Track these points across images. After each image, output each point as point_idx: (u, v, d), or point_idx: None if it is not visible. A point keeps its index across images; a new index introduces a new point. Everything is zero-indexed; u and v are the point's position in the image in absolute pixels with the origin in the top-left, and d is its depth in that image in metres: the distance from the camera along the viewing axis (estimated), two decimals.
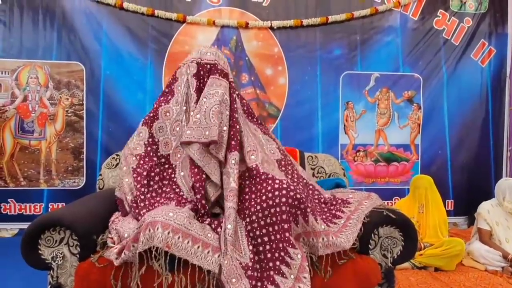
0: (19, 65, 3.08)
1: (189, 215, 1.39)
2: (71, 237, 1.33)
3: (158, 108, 1.75)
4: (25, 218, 3.07)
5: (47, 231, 1.32)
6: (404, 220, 1.49)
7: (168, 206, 1.43)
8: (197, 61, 1.71)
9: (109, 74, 3.17)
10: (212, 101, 1.59)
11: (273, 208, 1.36)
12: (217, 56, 1.74)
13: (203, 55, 1.73)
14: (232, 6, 3.29)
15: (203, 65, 1.71)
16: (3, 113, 3.06)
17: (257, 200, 1.41)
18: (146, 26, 3.20)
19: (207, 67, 1.70)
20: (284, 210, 1.35)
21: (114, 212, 1.61)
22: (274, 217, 1.35)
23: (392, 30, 3.47)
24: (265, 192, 1.41)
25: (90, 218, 1.43)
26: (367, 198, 1.72)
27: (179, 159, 1.67)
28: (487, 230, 2.57)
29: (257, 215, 1.38)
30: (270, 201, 1.38)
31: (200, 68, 1.70)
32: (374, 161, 3.48)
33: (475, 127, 3.59)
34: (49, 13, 3.11)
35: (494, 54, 3.61)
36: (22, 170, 3.10)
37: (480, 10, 3.59)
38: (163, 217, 1.29)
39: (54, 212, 1.42)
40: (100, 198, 1.71)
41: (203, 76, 1.70)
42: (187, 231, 1.29)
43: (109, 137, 3.18)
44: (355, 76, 3.43)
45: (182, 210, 1.40)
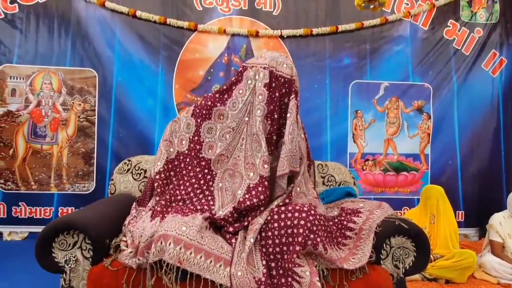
0: (33, 71, 3.15)
1: (201, 227, 1.36)
2: (84, 241, 1.35)
3: (212, 107, 1.62)
4: (35, 221, 3.11)
5: (61, 235, 1.34)
6: (416, 230, 1.48)
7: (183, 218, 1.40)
8: (271, 70, 1.53)
9: (121, 81, 3.22)
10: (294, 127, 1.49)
11: (291, 229, 1.34)
12: (293, 71, 1.57)
13: (279, 65, 1.54)
14: (242, 15, 3.34)
15: (277, 77, 1.53)
16: (17, 118, 3.12)
17: (274, 217, 1.39)
18: (158, 34, 3.26)
19: (281, 80, 1.53)
20: (301, 233, 1.32)
21: (126, 216, 1.62)
22: (291, 238, 1.33)
23: (402, 40, 3.48)
24: (285, 211, 1.40)
25: (103, 222, 1.45)
26: (378, 208, 1.69)
27: (221, 168, 1.59)
28: (499, 243, 2.53)
29: (273, 232, 1.37)
30: (288, 221, 1.35)
31: (273, 79, 1.53)
32: (383, 170, 3.46)
33: (486, 137, 3.55)
34: (64, 21, 3.18)
35: (506, 65, 3.59)
36: (34, 174, 3.14)
37: (491, 20, 3.58)
38: (176, 231, 1.28)
39: (68, 216, 1.44)
40: (112, 203, 1.73)
41: (274, 89, 1.52)
42: (200, 246, 1.28)
43: (119, 142, 3.22)
44: (365, 85, 3.44)
45: (196, 222, 1.37)
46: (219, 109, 1.62)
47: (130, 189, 1.94)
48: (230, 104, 1.59)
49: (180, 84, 3.29)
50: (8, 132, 3.11)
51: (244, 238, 1.40)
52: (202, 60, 3.30)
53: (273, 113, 1.54)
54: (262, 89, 1.52)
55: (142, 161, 2.01)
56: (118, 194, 1.91)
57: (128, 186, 1.95)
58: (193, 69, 3.28)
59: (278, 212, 1.41)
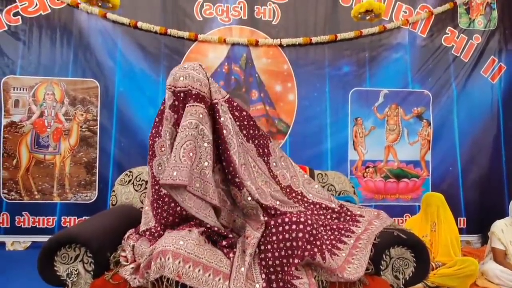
0: (36, 82, 3.18)
1: (199, 241, 1.37)
2: (86, 254, 1.36)
3: (153, 144, 1.62)
4: (38, 231, 3.13)
5: (63, 248, 1.35)
6: (415, 240, 1.49)
7: (179, 232, 1.41)
8: (172, 90, 1.50)
9: (123, 91, 3.25)
10: (183, 135, 1.41)
11: (289, 242, 1.34)
12: (191, 78, 1.48)
13: (176, 81, 1.49)
14: (242, 24, 3.37)
15: (177, 94, 1.48)
16: (20, 128, 3.16)
17: (272, 230, 1.39)
18: (159, 44, 3.30)
19: (181, 96, 1.48)
20: (300, 246, 1.32)
21: (127, 228, 1.63)
22: (290, 250, 1.33)
23: (400, 47, 3.50)
24: (282, 223, 1.39)
25: (104, 235, 1.46)
26: (376, 218, 1.69)
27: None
28: (501, 250, 2.52)
29: (272, 246, 1.37)
30: (287, 234, 1.35)
31: (175, 98, 1.49)
32: (383, 177, 3.46)
33: (486, 144, 3.55)
34: (67, 32, 3.23)
35: (505, 71, 3.60)
36: (37, 184, 3.17)
37: (489, 27, 3.60)
38: (174, 245, 1.28)
39: (70, 229, 1.46)
40: (113, 215, 1.75)
41: (178, 108, 1.50)
42: (197, 259, 1.28)
43: (121, 151, 3.24)
44: (364, 92, 3.46)
45: (192, 236, 1.37)
46: (158, 142, 1.59)
47: (132, 200, 1.96)
48: (163, 133, 1.56)
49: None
50: (12, 142, 3.14)
51: (243, 252, 1.41)
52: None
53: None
54: (168, 111, 1.51)
55: (143, 172, 2.03)
56: (119, 205, 1.93)
57: (130, 197, 1.97)
58: None
59: (276, 225, 1.42)
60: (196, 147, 1.43)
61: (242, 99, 3.35)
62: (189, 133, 1.42)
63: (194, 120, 1.44)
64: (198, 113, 1.46)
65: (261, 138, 1.80)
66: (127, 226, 1.65)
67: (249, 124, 1.72)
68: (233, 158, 1.51)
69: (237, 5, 3.37)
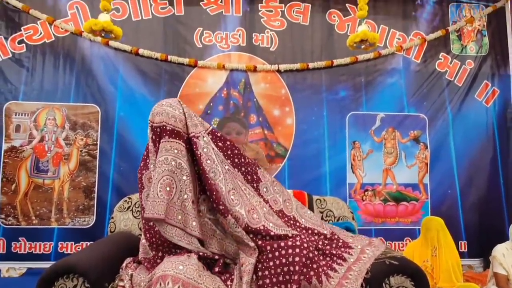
0: (38, 107, 3.23)
1: (198, 266, 1.38)
2: (83, 285, 1.35)
3: (141, 177, 1.70)
4: (34, 257, 3.09)
5: (60, 279, 1.35)
6: (414, 268, 1.49)
7: (178, 257, 1.42)
8: (150, 125, 1.59)
9: (123, 116, 3.30)
10: (160, 170, 1.47)
11: (287, 266, 1.35)
12: (166, 115, 1.56)
13: (154, 116, 1.59)
14: (241, 51, 3.46)
15: (154, 129, 1.58)
16: (21, 153, 3.18)
17: (269, 256, 1.40)
18: (160, 70, 3.37)
19: (157, 131, 1.57)
20: (297, 270, 1.33)
21: (126, 256, 1.63)
22: (288, 275, 1.34)
23: (395, 72, 3.58)
24: (278, 248, 1.40)
25: (102, 264, 1.46)
26: (369, 245, 1.69)
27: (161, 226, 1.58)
28: (503, 275, 2.48)
29: (269, 271, 1.38)
30: (283, 258, 1.37)
31: (152, 133, 1.59)
32: (383, 200, 3.46)
33: (483, 166, 3.57)
34: (69, 59, 3.30)
35: (498, 95, 3.67)
36: (35, 209, 3.15)
37: (481, 52, 3.71)
38: (173, 270, 1.29)
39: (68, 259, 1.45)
40: (112, 243, 1.74)
41: (155, 142, 1.58)
42: (197, 285, 1.29)
43: (120, 176, 3.24)
44: (361, 116, 3.51)
45: (192, 262, 1.39)
46: (146, 174, 1.67)
47: (130, 227, 1.97)
48: (150, 166, 1.64)
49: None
50: (11, 167, 3.15)
51: (240, 279, 1.41)
52: (202, 95, 3.39)
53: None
54: (151, 145, 1.60)
55: None
56: (117, 232, 1.93)
57: (128, 224, 1.97)
58: (193, 103, 3.37)
59: (272, 250, 1.42)
60: (175, 181, 1.48)
61: (241, 124, 3.40)
62: (165, 168, 1.48)
63: (170, 156, 1.51)
64: (173, 149, 1.53)
65: (248, 166, 1.84)
66: (125, 254, 1.65)
67: (233, 153, 1.77)
68: (216, 186, 1.55)
69: (235, 32, 3.47)
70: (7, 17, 3.27)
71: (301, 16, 3.55)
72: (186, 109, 1.69)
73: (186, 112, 1.67)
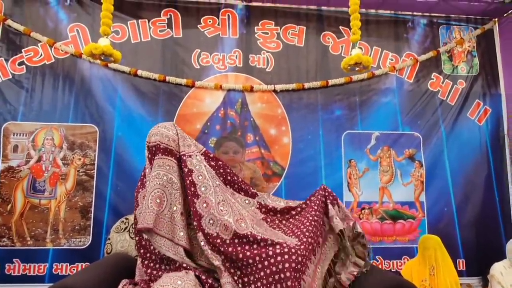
0: (36, 127, 3.26)
1: (196, 283, 1.41)
2: None
3: (137, 195, 1.84)
4: (28, 279, 3.05)
5: None
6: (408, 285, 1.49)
7: (176, 273, 1.46)
8: (147, 145, 1.79)
9: (121, 135, 3.33)
10: (152, 184, 1.63)
11: (277, 274, 1.38)
12: (160, 135, 1.76)
13: (150, 137, 1.80)
14: (238, 72, 3.54)
15: (150, 148, 1.77)
16: (17, 173, 3.18)
17: (258, 266, 1.43)
18: (158, 90, 3.42)
19: (152, 150, 1.76)
20: (289, 277, 1.36)
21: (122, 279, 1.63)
22: (279, 284, 1.36)
23: (389, 92, 3.66)
24: (266, 257, 1.43)
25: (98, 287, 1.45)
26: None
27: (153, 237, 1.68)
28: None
29: (261, 282, 1.40)
30: (273, 267, 1.40)
31: (148, 152, 1.78)
32: (379, 218, 3.47)
33: (479, 183, 3.60)
34: (69, 80, 3.34)
35: (490, 113, 3.75)
36: (30, 229, 3.13)
37: (472, 72, 3.81)
38: (172, 285, 1.32)
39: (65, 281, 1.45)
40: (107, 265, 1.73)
41: (151, 160, 1.76)
42: None
43: (117, 196, 3.24)
44: (356, 135, 3.56)
45: (189, 277, 1.43)
46: (141, 193, 1.81)
47: (127, 248, 1.96)
48: (146, 184, 1.77)
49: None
50: (7, 187, 3.15)
51: None
52: (199, 114, 3.44)
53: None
54: (148, 164, 1.75)
55: None
56: (114, 254, 1.92)
57: (125, 245, 1.97)
58: (190, 123, 3.41)
59: (261, 260, 1.45)
60: (165, 194, 1.62)
61: (238, 143, 3.44)
62: (157, 182, 1.62)
63: (162, 171, 1.66)
64: (165, 165, 1.69)
65: (242, 183, 2.00)
66: (122, 276, 1.65)
67: (226, 171, 1.94)
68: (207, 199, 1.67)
69: (232, 54, 3.56)
70: (8, 39, 3.34)
71: (296, 38, 3.65)
72: (180, 131, 1.87)
73: (180, 133, 1.85)
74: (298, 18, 3.67)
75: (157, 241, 1.57)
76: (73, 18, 3.43)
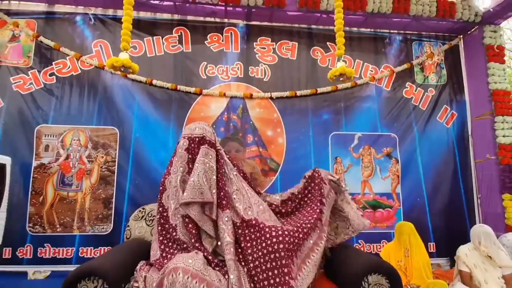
0: (65, 129, 3.24)
1: (204, 262, 1.41)
2: (103, 286, 1.34)
3: (164, 181, 1.85)
4: (57, 261, 3.03)
5: (83, 280, 1.33)
6: (390, 268, 1.49)
7: (187, 254, 1.45)
8: (188, 137, 1.80)
9: (138, 136, 3.31)
10: (202, 167, 1.67)
11: (273, 254, 1.38)
12: (204, 130, 1.81)
13: (193, 131, 1.81)
14: (239, 81, 3.53)
15: (193, 139, 1.78)
16: (48, 169, 3.16)
17: (258, 247, 1.43)
18: (170, 97, 3.42)
19: (196, 140, 1.77)
20: (283, 256, 1.36)
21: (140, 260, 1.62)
22: (274, 262, 1.36)
23: (369, 99, 3.66)
24: (264, 240, 1.43)
25: (119, 268, 1.45)
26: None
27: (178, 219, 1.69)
28: (467, 272, 2.48)
29: (259, 261, 1.39)
30: (269, 247, 1.40)
31: (190, 142, 1.78)
32: (362, 208, 3.46)
33: (447, 178, 3.61)
34: (93, 88, 3.34)
35: (456, 117, 3.76)
36: (59, 218, 3.11)
37: (440, 82, 3.82)
38: (184, 263, 1.32)
39: (90, 263, 1.45)
40: (127, 248, 1.73)
41: (193, 148, 1.76)
42: (203, 277, 1.31)
43: (135, 188, 3.23)
44: (342, 136, 3.56)
45: (199, 257, 1.42)
46: (168, 178, 1.83)
47: (144, 234, 1.95)
48: (172, 170, 1.81)
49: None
50: (40, 182, 3.13)
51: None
52: (206, 118, 3.43)
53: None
54: (184, 153, 1.76)
55: (155, 209, 2.03)
56: (132, 239, 1.91)
57: (142, 231, 1.95)
58: None
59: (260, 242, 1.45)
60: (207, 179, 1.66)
61: (240, 143, 3.43)
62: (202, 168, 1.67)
63: (206, 159, 1.72)
64: (209, 155, 1.74)
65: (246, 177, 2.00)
66: (139, 258, 1.64)
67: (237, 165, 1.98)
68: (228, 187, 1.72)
69: (234, 66, 3.55)
70: (40, 53, 3.32)
71: (289, 52, 3.65)
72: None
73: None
74: (291, 35, 3.67)
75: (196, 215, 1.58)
76: (97, 35, 3.42)
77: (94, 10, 3.45)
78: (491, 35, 3.66)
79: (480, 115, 3.66)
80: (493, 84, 3.59)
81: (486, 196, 3.52)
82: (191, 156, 1.75)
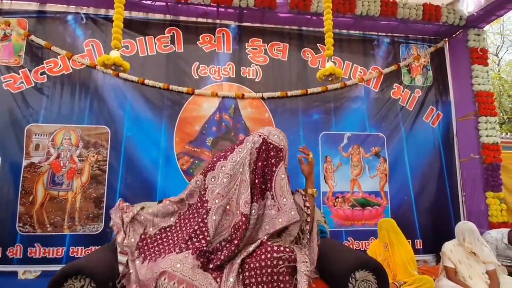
0: (55, 129, 3.18)
1: (193, 266, 1.36)
2: (90, 285, 1.31)
3: (216, 162, 1.72)
4: (47, 261, 2.96)
5: (69, 279, 1.30)
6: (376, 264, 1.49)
7: (177, 255, 1.39)
8: (264, 137, 1.66)
9: (130, 135, 3.26)
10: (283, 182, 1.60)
11: (270, 268, 1.32)
12: (284, 142, 1.70)
13: (271, 135, 1.68)
14: (231, 81, 3.51)
15: (268, 143, 1.65)
16: (39, 168, 3.09)
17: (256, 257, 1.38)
18: (162, 97, 3.37)
19: (270, 146, 1.65)
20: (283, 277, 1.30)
21: None
22: (270, 276, 1.32)
23: (358, 99, 3.68)
24: (265, 252, 1.39)
25: (106, 266, 1.41)
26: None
27: (216, 205, 1.60)
28: (452, 268, 2.51)
29: (255, 272, 1.35)
30: (268, 261, 1.34)
31: (263, 143, 1.65)
32: (351, 206, 3.48)
33: (433, 176, 3.65)
34: (84, 88, 3.28)
35: (442, 117, 3.81)
36: (50, 218, 3.05)
37: (426, 83, 3.86)
38: (171, 268, 1.28)
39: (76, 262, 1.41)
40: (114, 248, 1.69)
41: (263, 152, 1.64)
42: (191, 282, 1.27)
43: (126, 187, 3.18)
44: (331, 135, 3.57)
45: (188, 261, 1.37)
46: (222, 163, 1.71)
47: None
48: (231, 158, 1.69)
49: (179, 137, 3.35)
50: (30, 181, 3.06)
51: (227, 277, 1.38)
52: (198, 118, 3.40)
53: (261, 169, 1.63)
54: (254, 150, 1.64)
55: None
56: None
57: None
58: (190, 125, 3.37)
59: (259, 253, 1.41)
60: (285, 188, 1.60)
61: (231, 142, 3.41)
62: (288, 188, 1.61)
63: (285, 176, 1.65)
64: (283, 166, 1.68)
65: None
66: None
67: None
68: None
69: (226, 66, 3.53)
70: (31, 52, 3.25)
71: (280, 53, 3.64)
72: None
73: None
74: (282, 36, 3.67)
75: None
76: (88, 35, 3.36)
77: (86, 9, 3.39)
78: (475, 38, 3.72)
79: (465, 115, 3.72)
80: (477, 85, 3.65)
81: (470, 194, 3.57)
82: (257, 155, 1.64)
